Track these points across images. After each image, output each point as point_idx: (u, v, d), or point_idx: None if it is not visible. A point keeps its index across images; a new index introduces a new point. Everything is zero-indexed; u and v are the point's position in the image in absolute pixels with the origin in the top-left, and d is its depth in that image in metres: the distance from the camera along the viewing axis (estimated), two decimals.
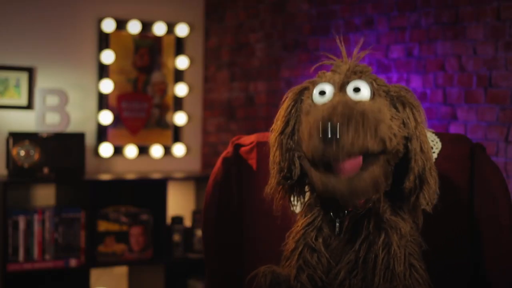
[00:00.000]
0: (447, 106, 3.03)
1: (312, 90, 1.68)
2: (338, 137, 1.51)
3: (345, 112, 1.53)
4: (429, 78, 3.10)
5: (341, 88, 1.65)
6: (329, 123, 1.52)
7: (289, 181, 1.71)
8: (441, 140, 2.07)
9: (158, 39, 4.24)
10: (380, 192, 1.63)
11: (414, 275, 1.67)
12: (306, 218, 1.73)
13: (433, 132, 2.11)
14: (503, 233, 1.94)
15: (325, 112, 1.55)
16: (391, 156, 1.60)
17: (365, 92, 1.64)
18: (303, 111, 1.67)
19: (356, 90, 1.64)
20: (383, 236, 1.66)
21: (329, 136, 1.51)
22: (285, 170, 1.69)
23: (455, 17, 2.99)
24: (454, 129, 2.99)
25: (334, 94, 1.64)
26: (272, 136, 1.73)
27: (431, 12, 3.09)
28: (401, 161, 1.65)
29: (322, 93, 1.66)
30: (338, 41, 1.76)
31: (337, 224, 1.68)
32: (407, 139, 1.64)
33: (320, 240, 1.69)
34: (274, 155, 1.71)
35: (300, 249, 1.71)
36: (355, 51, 1.72)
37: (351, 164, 1.55)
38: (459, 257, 2.03)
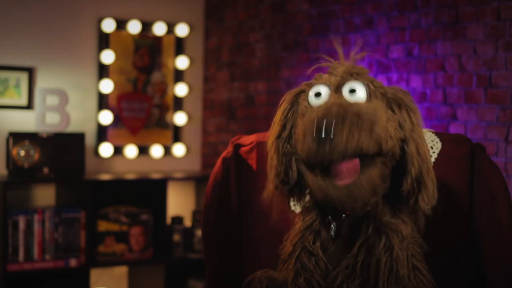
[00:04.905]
0: (447, 106, 3.03)
1: (308, 92, 1.68)
2: (332, 137, 1.50)
3: (339, 112, 1.52)
4: (429, 78, 3.10)
5: (336, 89, 1.64)
6: (323, 123, 1.51)
7: (286, 186, 1.70)
8: (441, 140, 2.07)
9: (158, 39, 4.24)
10: (378, 195, 1.62)
11: (419, 277, 1.66)
12: (304, 221, 1.72)
13: (433, 132, 2.10)
14: (503, 233, 1.94)
15: (319, 113, 1.54)
16: (387, 159, 1.60)
17: (361, 94, 1.63)
18: (299, 114, 1.67)
19: (352, 91, 1.63)
20: (384, 239, 1.65)
21: (323, 136, 1.50)
22: (282, 175, 1.69)
23: (455, 17, 2.99)
24: (454, 129, 2.99)
25: (330, 96, 1.63)
26: (269, 140, 1.72)
27: (431, 12, 3.09)
28: (399, 164, 1.64)
29: (318, 94, 1.65)
30: (335, 43, 1.76)
31: (333, 227, 1.68)
32: (404, 141, 1.63)
33: (318, 243, 1.68)
34: (271, 159, 1.71)
35: (297, 252, 1.70)
36: (353, 52, 1.72)
37: (348, 167, 1.54)
38: (459, 257, 2.03)
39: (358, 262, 1.65)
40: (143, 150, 4.21)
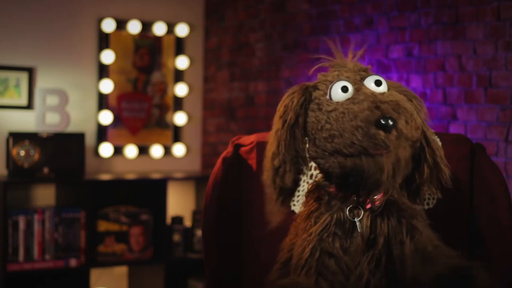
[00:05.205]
0: (447, 106, 3.03)
1: (327, 89, 1.65)
2: (394, 124, 1.52)
3: (391, 101, 1.55)
4: (429, 78, 3.10)
5: (358, 83, 1.65)
6: (384, 112, 1.52)
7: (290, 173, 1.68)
8: (441, 140, 2.07)
9: (158, 39, 4.24)
10: (403, 175, 1.63)
11: (442, 250, 1.67)
12: (318, 225, 1.70)
13: (433, 132, 2.10)
14: (503, 233, 1.94)
15: (370, 103, 1.54)
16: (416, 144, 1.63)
17: (385, 86, 1.65)
18: (320, 109, 1.65)
19: (378, 83, 1.64)
20: (404, 221, 1.66)
21: (390, 124, 1.51)
22: (289, 163, 1.67)
23: (455, 17, 2.99)
24: (454, 129, 2.99)
25: (356, 89, 1.63)
26: (279, 127, 1.68)
27: (431, 12, 3.09)
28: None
29: (345, 89, 1.64)
30: (330, 43, 1.75)
31: (358, 223, 1.67)
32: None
33: (337, 245, 1.68)
34: (277, 145, 1.67)
35: (317, 255, 1.68)
36: (350, 51, 1.72)
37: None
38: None
39: (382, 253, 1.65)
40: (143, 150, 4.21)
